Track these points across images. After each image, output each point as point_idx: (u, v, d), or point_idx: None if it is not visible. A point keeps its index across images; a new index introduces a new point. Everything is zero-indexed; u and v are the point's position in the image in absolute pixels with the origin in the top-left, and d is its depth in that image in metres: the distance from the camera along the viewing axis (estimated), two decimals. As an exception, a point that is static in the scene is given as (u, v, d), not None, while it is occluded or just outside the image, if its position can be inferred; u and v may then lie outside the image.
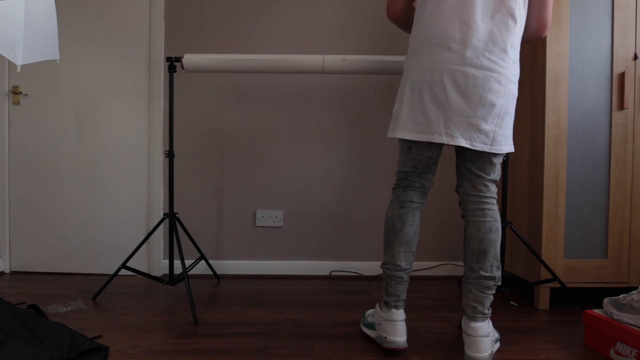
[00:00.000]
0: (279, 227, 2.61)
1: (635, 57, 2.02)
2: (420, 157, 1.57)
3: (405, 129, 1.51)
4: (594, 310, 1.67)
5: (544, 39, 2.00)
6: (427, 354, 1.59)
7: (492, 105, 1.44)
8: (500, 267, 1.57)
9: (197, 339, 1.70)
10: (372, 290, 2.32)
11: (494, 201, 1.56)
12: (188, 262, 2.47)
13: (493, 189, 1.56)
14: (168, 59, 2.02)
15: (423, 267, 2.63)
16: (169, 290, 2.29)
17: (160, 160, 2.54)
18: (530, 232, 2.14)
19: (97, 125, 2.52)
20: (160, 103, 2.53)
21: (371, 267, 2.60)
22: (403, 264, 1.59)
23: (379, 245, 2.62)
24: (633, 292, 1.59)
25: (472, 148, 1.46)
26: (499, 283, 1.54)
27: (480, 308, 1.52)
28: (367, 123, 2.58)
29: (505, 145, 1.50)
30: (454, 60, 1.43)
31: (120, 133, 2.52)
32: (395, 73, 2.01)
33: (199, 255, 2.44)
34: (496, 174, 1.55)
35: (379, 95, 2.58)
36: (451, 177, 2.62)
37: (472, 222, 1.55)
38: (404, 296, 1.60)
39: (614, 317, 1.58)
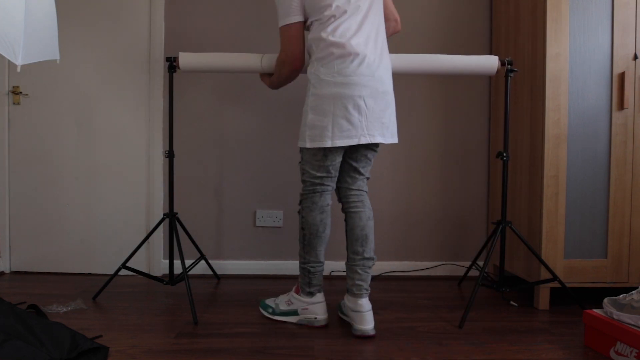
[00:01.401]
0: (279, 227, 2.61)
1: (635, 57, 2.02)
2: (334, 162, 1.78)
3: (335, 137, 1.70)
4: (594, 310, 1.67)
5: (544, 39, 2.00)
6: (427, 354, 1.59)
7: (391, 106, 1.79)
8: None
9: (197, 339, 1.70)
10: (372, 290, 2.32)
11: (367, 195, 1.89)
12: (188, 262, 2.47)
13: (366, 185, 1.90)
14: (168, 59, 2.02)
15: (423, 267, 2.63)
16: (169, 290, 2.29)
17: (160, 160, 2.54)
18: (530, 232, 2.14)
19: (97, 125, 2.52)
20: (160, 103, 2.52)
21: (371, 267, 2.60)
22: (323, 260, 1.86)
23: (379, 246, 2.62)
24: (633, 292, 1.59)
25: (385, 142, 1.78)
26: (375, 260, 1.84)
27: (365, 286, 1.78)
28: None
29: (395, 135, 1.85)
30: (366, 73, 1.70)
31: (120, 133, 2.52)
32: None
33: (199, 255, 2.44)
34: (368, 173, 1.90)
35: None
36: (451, 178, 2.63)
37: (355, 212, 1.83)
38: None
39: (614, 317, 1.58)
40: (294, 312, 1.87)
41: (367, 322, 1.74)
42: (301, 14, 1.76)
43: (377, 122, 1.74)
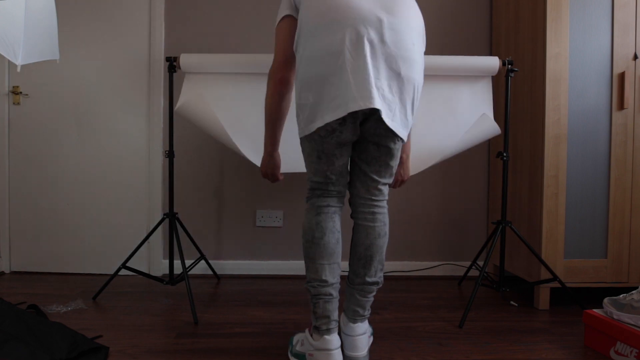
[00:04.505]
0: (279, 227, 2.61)
1: (635, 57, 2.02)
2: (332, 167, 1.44)
3: (323, 113, 1.34)
4: (594, 310, 1.67)
5: (544, 39, 2.00)
6: (427, 354, 1.59)
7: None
8: (384, 267, 1.49)
9: (197, 339, 1.70)
10: (372, 290, 2.32)
11: (385, 204, 1.50)
12: (188, 262, 2.47)
13: (385, 191, 1.49)
14: (168, 59, 2.02)
15: (423, 267, 2.63)
16: (169, 290, 2.29)
17: (160, 160, 2.54)
18: (530, 232, 2.14)
19: (97, 125, 2.52)
20: (160, 103, 2.53)
21: (371, 267, 2.60)
22: (330, 279, 1.40)
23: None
24: (633, 292, 1.59)
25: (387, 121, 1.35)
26: (382, 284, 1.52)
27: (361, 311, 1.49)
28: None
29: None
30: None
31: (120, 133, 2.52)
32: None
33: (199, 255, 2.44)
34: (387, 177, 1.46)
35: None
36: (451, 178, 2.63)
37: (362, 226, 1.48)
38: (335, 316, 1.41)
39: (614, 317, 1.58)
40: (304, 356, 1.48)
41: (356, 349, 1.45)
42: (291, 8, 1.47)
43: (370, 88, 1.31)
